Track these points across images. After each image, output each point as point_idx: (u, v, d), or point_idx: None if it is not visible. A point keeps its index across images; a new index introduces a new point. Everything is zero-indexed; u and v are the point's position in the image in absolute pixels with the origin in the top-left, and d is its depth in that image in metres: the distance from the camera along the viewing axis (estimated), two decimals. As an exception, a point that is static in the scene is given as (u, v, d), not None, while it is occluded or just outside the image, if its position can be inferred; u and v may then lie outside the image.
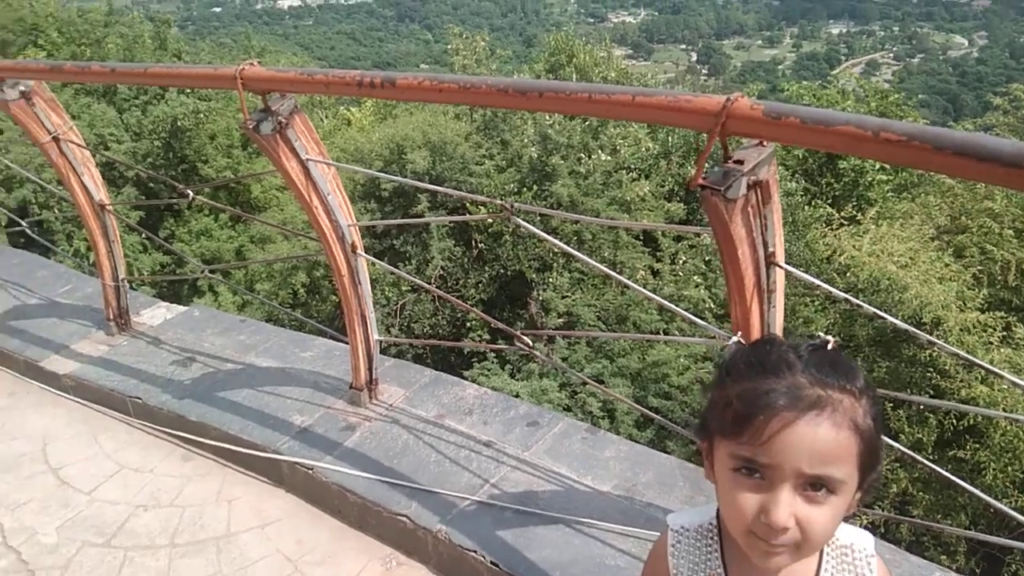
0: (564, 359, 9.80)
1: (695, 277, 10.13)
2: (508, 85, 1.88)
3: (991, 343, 7.03)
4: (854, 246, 7.90)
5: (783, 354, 0.99)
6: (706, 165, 1.66)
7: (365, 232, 11.11)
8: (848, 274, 7.98)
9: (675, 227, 8.62)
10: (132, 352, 3.71)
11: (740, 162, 1.62)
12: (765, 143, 1.65)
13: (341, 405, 3.15)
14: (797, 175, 12.02)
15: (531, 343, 2.61)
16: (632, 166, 10.98)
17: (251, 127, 2.45)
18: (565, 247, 2.46)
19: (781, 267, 1.79)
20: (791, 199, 11.01)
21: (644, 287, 10.01)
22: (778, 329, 1.94)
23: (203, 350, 3.67)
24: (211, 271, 3.96)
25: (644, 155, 11.11)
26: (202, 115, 15.82)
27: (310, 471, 2.84)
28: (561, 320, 10.18)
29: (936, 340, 1.83)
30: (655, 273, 10.53)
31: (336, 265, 2.78)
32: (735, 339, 1.10)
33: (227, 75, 2.45)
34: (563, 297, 10.15)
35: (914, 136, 1.31)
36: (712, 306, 9.63)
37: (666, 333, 9.99)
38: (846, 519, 1.07)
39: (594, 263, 2.42)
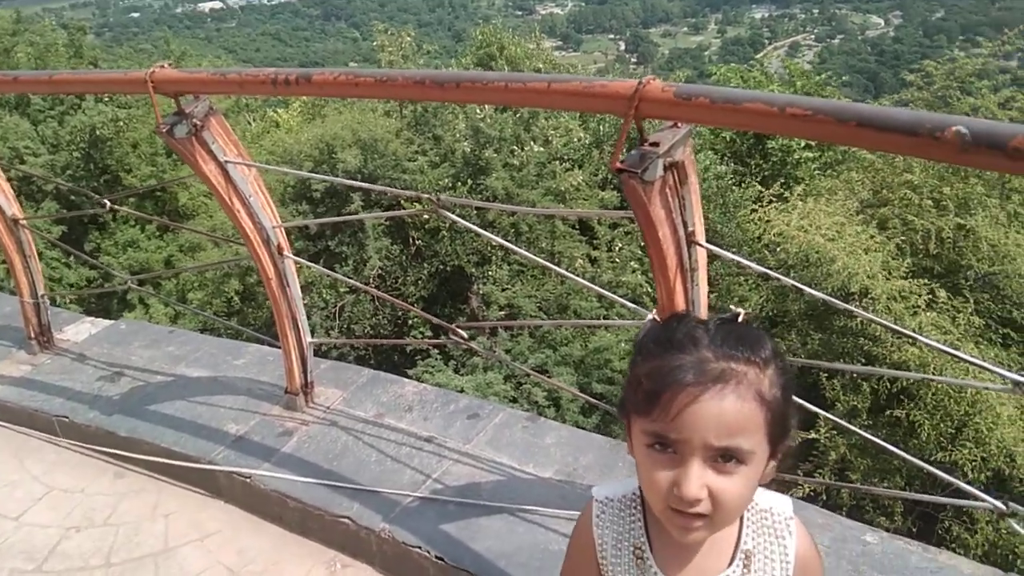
0: (507, 351, 9.82)
1: (632, 263, 10.26)
2: (424, 77, 1.87)
3: (917, 308, 7.30)
4: (783, 222, 8.11)
5: (690, 330, 1.01)
6: (624, 149, 1.68)
7: (299, 235, 10.94)
8: (778, 250, 8.19)
9: (600, 212, 8.71)
10: (56, 370, 3.57)
11: (656, 144, 1.64)
12: (680, 125, 1.68)
13: (277, 411, 3.09)
14: (727, 158, 12.26)
15: (467, 336, 2.60)
16: (565, 156, 11.04)
17: (164, 131, 2.38)
18: (494, 238, 2.46)
19: (702, 246, 1.82)
20: (721, 182, 11.22)
21: (583, 276, 10.10)
22: (702, 307, 1.98)
23: (131, 364, 3.56)
24: (138, 282, 3.84)
25: (576, 145, 11.18)
26: (122, 123, 15.30)
27: (248, 479, 2.78)
28: (503, 313, 10.19)
29: (854, 308, 1.88)
30: (593, 261, 10.63)
31: (263, 268, 2.72)
32: (649, 317, 1.11)
33: (138, 79, 2.38)
34: (503, 290, 10.17)
35: (818, 110, 1.34)
36: (649, 290, 9.77)
37: (606, 319, 10.12)
38: (766, 486, 1.09)
39: (525, 253, 2.43)
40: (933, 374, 7.14)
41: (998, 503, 1.75)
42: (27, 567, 2.66)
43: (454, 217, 2.30)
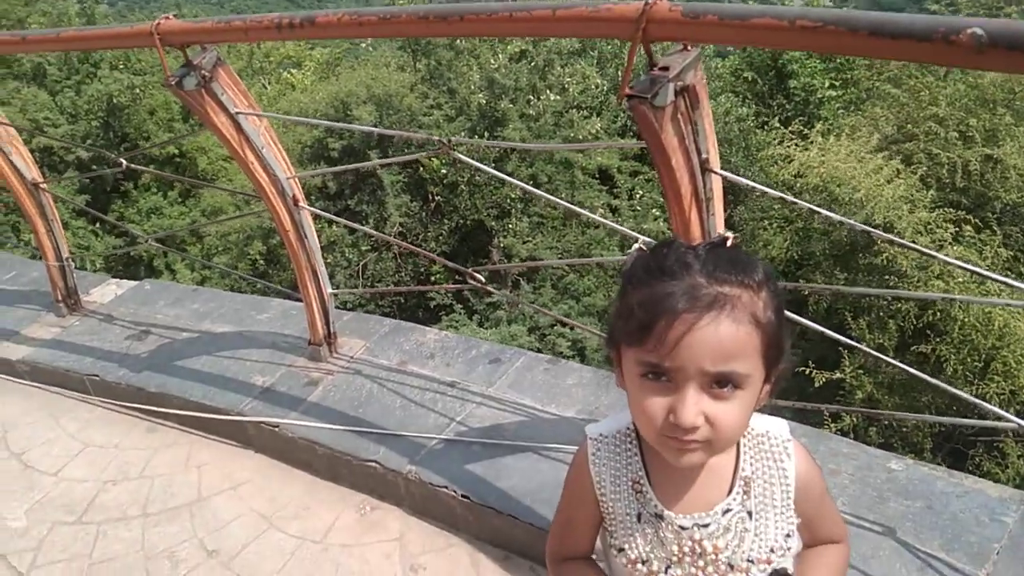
0: (532, 302, 9.83)
1: (653, 210, 10.16)
2: (428, 12, 1.84)
3: (943, 242, 7.18)
4: (804, 157, 7.99)
5: (681, 256, 0.99)
6: (633, 75, 1.65)
7: (319, 194, 10.95)
8: (798, 185, 8.05)
9: (610, 144, 8.58)
10: (85, 331, 3.64)
11: (666, 68, 1.60)
12: (689, 47, 1.64)
13: (302, 362, 3.13)
14: (748, 100, 12.03)
15: (484, 279, 2.61)
16: (583, 104, 10.88)
17: (173, 83, 2.38)
18: (510, 179, 2.44)
19: (717, 173, 1.79)
20: (743, 124, 11.03)
21: (603, 224, 10.03)
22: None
23: (157, 322, 3.61)
24: (156, 239, 3.88)
25: (594, 92, 11.01)
26: (138, 90, 15.31)
27: (276, 429, 2.83)
28: (523, 267, 10.20)
29: (879, 232, 1.85)
30: (614, 210, 10.54)
31: (279, 220, 2.73)
32: (637, 246, 1.09)
33: (143, 32, 2.37)
34: (524, 242, 10.15)
35: (829, 20, 1.30)
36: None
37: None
38: (761, 410, 1.08)
39: (544, 195, 2.41)
40: (960, 307, 7.06)
41: (1021, 421, 1.74)
42: (68, 519, 2.74)
43: (464, 158, 2.28)
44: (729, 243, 1.02)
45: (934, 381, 2.10)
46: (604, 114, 10.90)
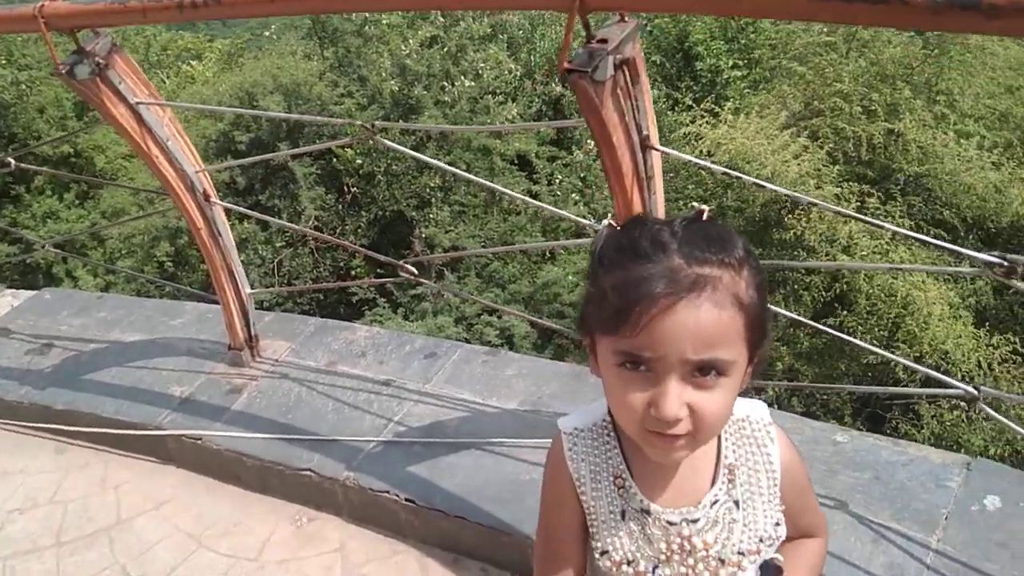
0: (468, 293, 9.71)
1: (573, 195, 10.16)
2: (346, -13, 1.71)
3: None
4: (714, 135, 8.13)
5: (655, 235, 0.90)
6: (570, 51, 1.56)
7: (227, 190, 10.50)
8: (711, 162, 8.18)
9: (544, 124, 8.47)
10: (-23, 348, 3.34)
11: (604, 41, 1.52)
12: (627, 18, 1.56)
13: (223, 368, 2.95)
14: (657, 82, 12.15)
15: (416, 272, 2.49)
16: (497, 90, 10.77)
17: (64, 72, 2.16)
18: (434, 162, 2.33)
19: (657, 150, 1.73)
20: (655, 106, 11.14)
21: (524, 210, 10.00)
22: (660, 216, 1.90)
23: (61, 334, 3.35)
24: (54, 245, 3.60)
25: (508, 78, 10.91)
26: (24, 86, 14.33)
27: (198, 441, 2.66)
28: (446, 257, 10.05)
29: (814, 200, 1.83)
30: (533, 196, 10.48)
31: (190, 218, 2.55)
32: (606, 222, 1.00)
33: (26, 15, 2.14)
34: (446, 231, 9.99)
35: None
36: (592, 221, 9.73)
37: (552, 254, 10.06)
38: (741, 394, 1.02)
39: (471, 176, 2.31)
40: (865, 278, 7.31)
41: (970, 388, 1.75)
42: (-30, 555, 2.51)
43: (390, 143, 2.16)
44: (705, 217, 0.95)
45: (875, 349, 2.11)
46: (519, 99, 10.82)
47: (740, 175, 1.80)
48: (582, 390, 2.59)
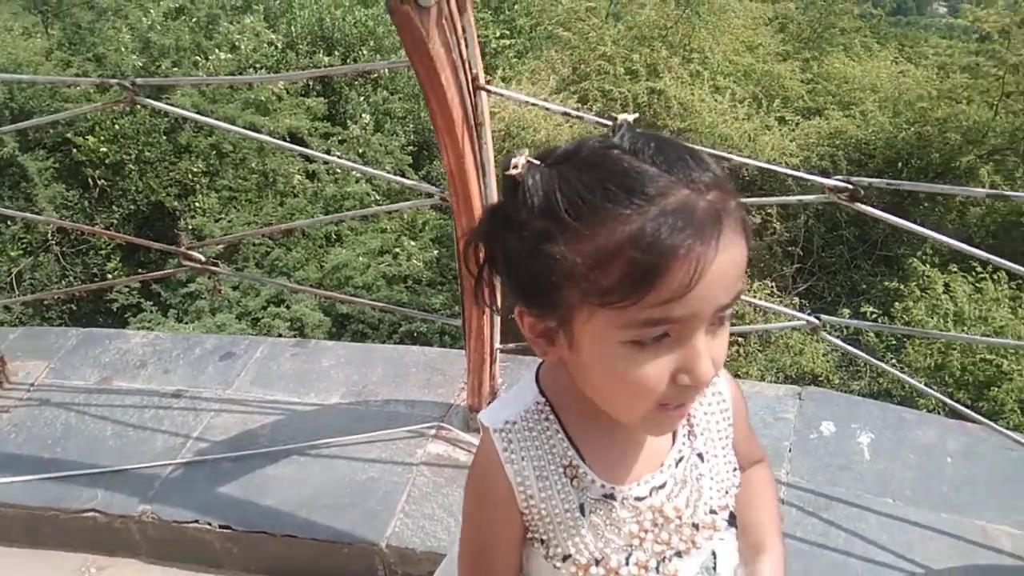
0: (235, 287, 8.96)
1: (353, 173, 9.74)
2: None
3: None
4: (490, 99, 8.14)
5: (631, 167, 0.69)
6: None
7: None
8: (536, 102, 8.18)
9: (361, 67, 7.99)
10: None
11: (423, -40, 1.29)
12: (446, -65, 1.34)
13: (-41, 403, 2.37)
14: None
15: (203, 259, 2.12)
16: (259, 64, 10.01)
17: None
18: (224, 125, 1.97)
19: (489, 91, 1.54)
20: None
21: (304, 191, 9.44)
22: (491, 170, 1.71)
23: None
24: None
25: (268, 51, 10.18)
26: None
27: (-65, 499, 2.11)
28: (220, 247, 9.23)
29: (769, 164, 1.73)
30: (311, 176, 9.93)
31: None
32: (522, 159, 0.75)
33: None
34: (217, 220, 9.17)
35: None
36: (378, 197, 9.40)
37: (338, 236, 9.61)
38: None
39: (266, 137, 1.98)
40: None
41: (811, 318, 1.75)
42: None
43: (158, 104, 1.78)
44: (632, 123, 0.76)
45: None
46: (287, 71, 10.14)
47: (582, 115, 1.64)
48: (409, 370, 2.36)
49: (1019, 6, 7.83)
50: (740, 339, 6.30)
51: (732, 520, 0.92)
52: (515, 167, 0.72)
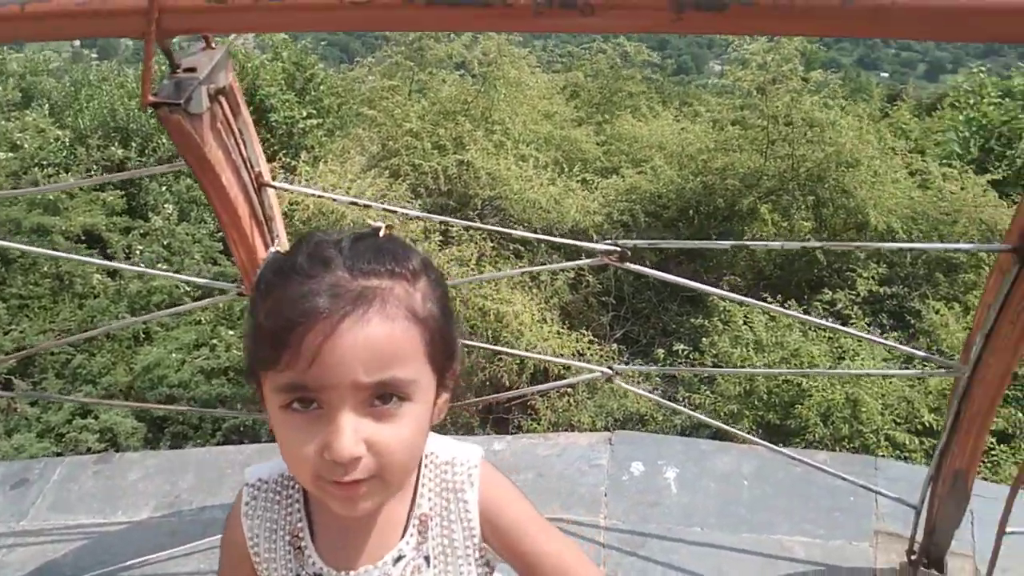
0: (32, 404, 8.16)
1: (159, 265, 9.26)
2: None
3: (440, 243, 7.89)
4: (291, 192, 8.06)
5: (317, 250, 0.78)
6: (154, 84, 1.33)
7: None
8: (296, 216, 8.06)
9: (149, 171, 7.62)
10: None
11: (192, 69, 1.33)
12: (214, 45, 1.38)
13: None
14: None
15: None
16: (45, 161, 9.37)
17: None
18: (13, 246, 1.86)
19: (273, 187, 1.57)
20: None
21: (105, 291, 8.84)
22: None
23: None
24: None
25: (55, 147, 9.57)
26: None
27: None
28: (12, 362, 8.40)
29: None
30: (113, 275, 9.32)
31: None
32: (272, 249, 0.84)
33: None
34: (7, 332, 8.36)
35: (378, -4, 1.19)
36: (187, 288, 8.96)
37: (147, 334, 9.03)
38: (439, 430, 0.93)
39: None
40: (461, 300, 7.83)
41: (605, 368, 1.89)
42: None
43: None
44: (382, 233, 0.83)
45: (520, 352, 2.19)
46: (75, 168, 9.55)
47: (369, 203, 1.71)
48: (224, 471, 2.28)
49: (768, 67, 8.88)
50: (569, 391, 6.56)
51: None
52: (269, 253, 0.82)
